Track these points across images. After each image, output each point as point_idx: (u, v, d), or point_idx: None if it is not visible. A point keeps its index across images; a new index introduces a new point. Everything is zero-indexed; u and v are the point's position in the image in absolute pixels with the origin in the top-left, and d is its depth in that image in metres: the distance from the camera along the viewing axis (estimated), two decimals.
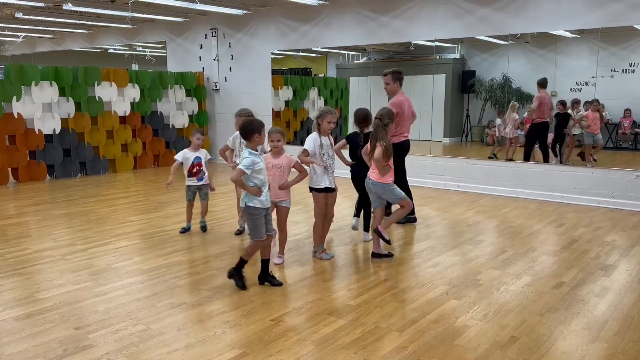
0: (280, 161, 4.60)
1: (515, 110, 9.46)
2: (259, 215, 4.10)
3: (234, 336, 3.39)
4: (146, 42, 13.39)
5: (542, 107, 8.66)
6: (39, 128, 9.27)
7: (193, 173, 5.73)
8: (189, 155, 5.72)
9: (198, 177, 5.76)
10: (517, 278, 4.52)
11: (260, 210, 4.10)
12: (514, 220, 6.64)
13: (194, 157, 5.72)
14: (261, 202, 4.09)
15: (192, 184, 5.77)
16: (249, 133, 4.09)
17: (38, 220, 6.58)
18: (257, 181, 4.07)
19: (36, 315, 3.69)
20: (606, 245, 5.56)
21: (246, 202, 4.09)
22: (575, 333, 3.47)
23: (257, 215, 4.10)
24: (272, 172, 4.57)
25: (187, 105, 11.81)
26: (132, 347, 3.22)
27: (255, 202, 4.07)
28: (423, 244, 5.57)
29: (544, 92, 8.69)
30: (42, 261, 4.92)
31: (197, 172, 5.74)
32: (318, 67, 12.42)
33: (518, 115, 9.48)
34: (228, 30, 11.55)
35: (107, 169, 10.41)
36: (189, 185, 5.79)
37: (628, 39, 8.51)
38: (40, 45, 16.10)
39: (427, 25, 8.86)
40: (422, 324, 3.58)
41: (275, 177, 4.60)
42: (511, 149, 9.20)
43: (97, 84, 10.04)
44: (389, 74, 6.22)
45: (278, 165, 4.60)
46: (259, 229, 4.13)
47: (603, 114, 8.48)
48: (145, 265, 4.83)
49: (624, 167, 7.65)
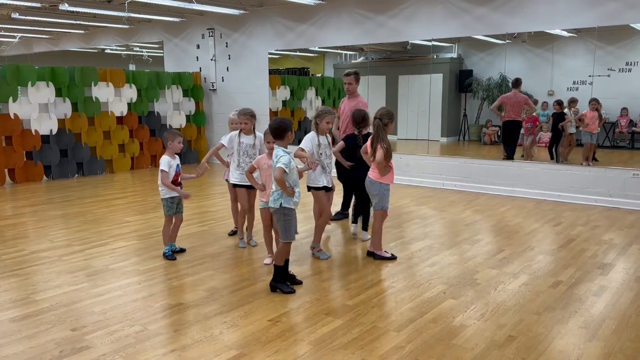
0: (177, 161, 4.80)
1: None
2: (292, 216, 4.07)
3: (231, 337, 3.38)
4: (143, 42, 13.37)
5: (507, 106, 8.91)
6: (36, 129, 9.25)
7: (177, 183, 5.01)
8: (172, 163, 4.95)
9: (181, 187, 5.07)
10: (514, 277, 4.52)
11: (294, 211, 4.08)
12: (512, 220, 6.64)
13: (176, 165, 4.99)
14: (295, 203, 4.08)
15: (176, 195, 4.99)
16: (282, 131, 4.07)
17: (35, 221, 6.57)
18: (291, 181, 4.05)
19: (32, 317, 3.68)
20: (603, 244, 5.57)
21: (281, 203, 4.03)
22: (573, 332, 3.47)
23: (291, 216, 4.06)
24: (268, 172, 4.58)
25: (185, 106, 11.80)
26: (128, 348, 3.21)
27: (290, 202, 4.04)
28: (420, 243, 5.57)
29: (513, 92, 8.87)
30: (38, 262, 4.91)
31: (180, 182, 5.06)
32: (315, 67, 12.41)
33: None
34: (225, 30, 11.54)
35: (104, 170, 10.38)
36: (172, 196, 4.97)
37: (625, 37, 8.52)
38: (36, 46, 16.06)
39: (424, 24, 8.86)
40: (420, 324, 3.58)
41: (270, 178, 4.59)
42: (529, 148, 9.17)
43: (94, 84, 10.02)
44: (352, 75, 6.32)
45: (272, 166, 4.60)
46: (292, 230, 4.09)
47: (601, 113, 8.49)
48: (142, 266, 4.81)
49: (621, 166, 7.66)
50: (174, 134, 4.99)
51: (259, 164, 4.69)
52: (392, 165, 4.86)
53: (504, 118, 9.02)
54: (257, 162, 4.72)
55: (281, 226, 4.10)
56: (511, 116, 8.93)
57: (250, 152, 5.20)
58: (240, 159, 5.23)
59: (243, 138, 5.24)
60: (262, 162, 4.66)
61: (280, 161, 3.96)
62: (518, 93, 8.89)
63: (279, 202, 4.04)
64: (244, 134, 5.25)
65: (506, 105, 8.95)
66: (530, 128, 9.08)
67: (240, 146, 5.23)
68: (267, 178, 4.62)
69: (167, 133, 5.01)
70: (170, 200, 4.99)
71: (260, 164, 4.67)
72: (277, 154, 4.04)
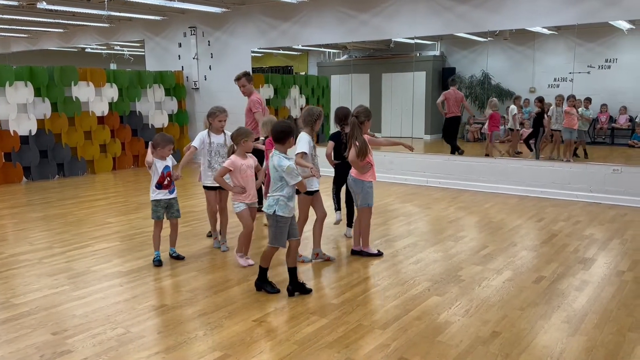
0: (248, 162, 4.58)
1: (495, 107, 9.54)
2: (286, 223, 3.97)
3: (215, 338, 3.35)
4: (124, 41, 13.21)
5: (449, 102, 9.36)
6: (14, 129, 9.08)
7: (164, 185, 4.76)
8: (158, 165, 4.72)
9: (170, 190, 4.80)
10: (498, 273, 4.55)
11: (287, 219, 3.97)
12: (495, 216, 6.69)
13: (163, 167, 4.74)
14: (290, 211, 3.97)
15: (163, 198, 4.76)
16: (286, 136, 3.93)
17: (14, 223, 6.45)
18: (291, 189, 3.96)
19: (12, 321, 3.60)
20: (585, 239, 5.64)
21: (275, 210, 3.91)
22: (556, 327, 3.50)
23: (285, 223, 3.96)
24: (246, 174, 4.51)
25: (167, 105, 11.68)
26: (111, 352, 3.17)
27: (285, 211, 3.93)
28: (405, 240, 5.58)
29: (452, 89, 9.37)
30: (18, 265, 4.82)
31: (168, 184, 4.78)
32: (299, 65, 12.38)
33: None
34: (207, 29, 11.45)
35: (86, 170, 10.24)
36: (157, 199, 4.75)
37: (604, 35, 8.64)
38: (14, 45, 15.77)
39: (406, 22, 8.89)
40: (405, 321, 3.58)
41: (249, 178, 4.56)
42: (490, 144, 9.28)
43: (74, 84, 9.88)
44: (243, 77, 6.65)
45: (250, 166, 4.57)
46: (283, 237, 3.99)
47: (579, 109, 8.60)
48: (125, 267, 4.75)
49: (601, 162, 7.77)
50: (165, 140, 4.70)
51: (234, 165, 4.47)
52: (372, 163, 4.84)
53: (448, 114, 9.44)
54: (231, 163, 4.47)
55: (272, 232, 3.99)
56: (453, 112, 9.39)
57: (222, 152, 5.02)
58: (212, 159, 5.04)
59: (214, 137, 5.04)
60: (239, 163, 4.49)
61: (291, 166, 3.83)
62: (457, 90, 9.40)
63: (273, 209, 3.92)
64: (213, 133, 5.05)
65: (448, 102, 9.40)
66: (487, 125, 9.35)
67: (212, 146, 5.03)
68: (247, 179, 4.53)
69: (159, 137, 4.73)
70: (155, 202, 4.75)
71: (237, 165, 4.47)
72: (280, 163, 3.85)
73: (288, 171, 3.84)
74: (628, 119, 9.25)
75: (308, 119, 4.68)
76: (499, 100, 9.65)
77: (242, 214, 4.58)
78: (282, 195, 3.91)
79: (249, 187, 4.56)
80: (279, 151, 3.93)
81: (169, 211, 4.82)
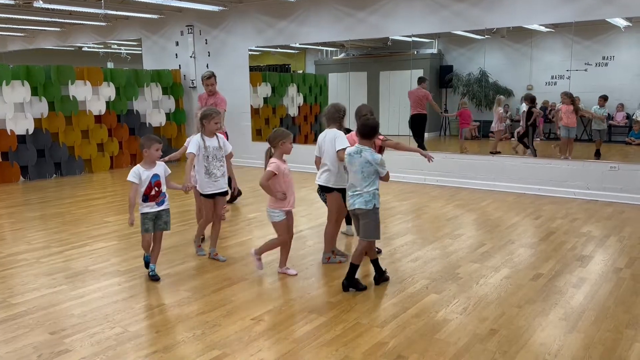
0: (287, 165, 4.35)
1: (501, 104, 9.65)
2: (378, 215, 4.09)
3: (213, 337, 3.35)
4: (121, 39, 13.18)
5: (410, 101, 9.62)
6: (11, 128, 9.06)
7: (151, 196, 4.21)
8: (143, 174, 4.18)
9: (158, 202, 4.26)
10: (495, 271, 4.55)
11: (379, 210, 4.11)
12: (493, 214, 6.70)
13: (151, 176, 4.19)
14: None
15: (150, 211, 4.25)
16: (375, 132, 4.08)
17: (12, 223, 6.44)
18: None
19: (9, 321, 3.60)
20: (582, 236, 5.65)
21: (375, 204, 4.03)
22: (553, 324, 3.51)
23: (378, 214, 4.09)
24: (288, 178, 4.29)
25: (164, 104, 11.66)
26: (109, 351, 3.16)
27: (379, 202, 4.10)
28: (403, 238, 5.58)
29: (416, 88, 9.57)
30: (16, 265, 4.81)
31: (156, 195, 4.23)
32: (296, 64, 12.36)
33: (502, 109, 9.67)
34: (204, 27, 11.43)
35: (83, 170, 10.22)
36: (145, 212, 4.25)
37: (601, 32, 8.64)
38: (11, 44, 15.73)
39: (404, 20, 8.88)
40: (403, 319, 3.59)
41: (291, 183, 4.32)
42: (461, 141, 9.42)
43: (71, 82, 9.85)
44: (212, 77, 7.21)
45: (290, 170, 4.36)
46: (379, 229, 4.11)
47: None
48: (123, 266, 4.75)
49: (598, 159, 7.77)
50: (151, 139, 4.23)
51: (279, 169, 4.17)
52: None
53: (414, 112, 9.63)
54: (277, 167, 4.17)
55: (372, 226, 4.04)
56: (417, 110, 9.60)
57: (219, 155, 4.75)
58: (210, 164, 4.71)
59: (208, 141, 4.72)
60: (283, 167, 4.21)
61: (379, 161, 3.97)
62: (420, 89, 9.56)
63: (372, 204, 4.01)
64: (207, 136, 4.73)
65: (410, 100, 9.63)
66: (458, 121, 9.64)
67: (207, 150, 4.69)
68: (288, 184, 4.28)
69: (144, 138, 4.25)
70: (143, 216, 4.25)
71: (281, 169, 4.19)
72: (374, 156, 3.97)
73: (382, 163, 4.00)
74: (625, 116, 9.26)
75: (336, 116, 4.70)
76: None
77: (281, 223, 4.31)
78: (376, 189, 4.05)
79: (289, 193, 4.29)
80: (366, 146, 4.02)
81: (156, 222, 4.31)
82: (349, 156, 4.08)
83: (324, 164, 4.69)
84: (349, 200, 4.15)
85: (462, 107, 9.98)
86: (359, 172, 4.01)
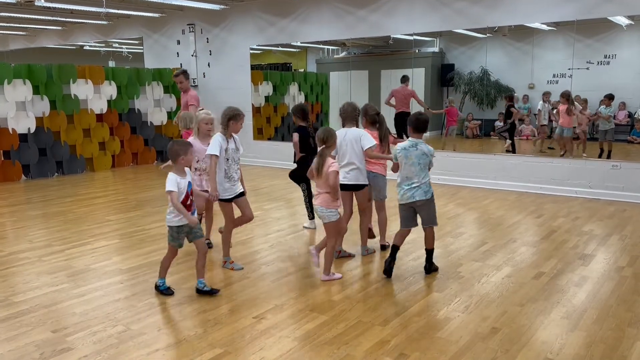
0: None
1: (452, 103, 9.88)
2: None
3: (215, 335, 3.35)
4: (122, 38, 13.18)
5: (397, 99, 9.68)
6: (13, 127, 9.07)
7: (187, 207, 3.84)
8: (180, 183, 3.82)
9: (191, 212, 3.91)
10: (497, 269, 4.55)
11: None
12: (494, 212, 6.70)
13: (187, 184, 3.86)
14: None
15: (186, 224, 3.87)
16: (427, 126, 4.26)
17: (13, 221, 6.44)
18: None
19: (12, 319, 3.60)
20: (584, 234, 5.64)
21: (432, 192, 4.27)
22: (555, 323, 3.51)
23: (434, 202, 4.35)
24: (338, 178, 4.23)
25: (166, 102, 11.66)
26: (111, 349, 3.17)
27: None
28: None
29: (401, 86, 9.64)
30: (17, 263, 4.82)
31: (190, 204, 3.91)
32: (298, 62, 12.35)
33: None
34: (206, 26, 11.42)
35: (85, 168, 10.23)
36: (181, 225, 3.87)
37: (603, 31, 8.62)
38: (13, 43, 15.74)
39: (405, 19, 8.88)
40: (405, 317, 3.59)
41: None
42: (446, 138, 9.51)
43: (73, 81, 9.86)
44: (181, 74, 7.47)
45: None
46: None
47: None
48: (125, 265, 4.75)
49: (600, 158, 7.76)
50: (185, 144, 3.91)
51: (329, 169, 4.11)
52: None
53: (397, 110, 9.68)
54: (337, 166, 4.16)
55: (432, 213, 4.32)
56: (401, 108, 9.62)
57: (236, 157, 4.47)
58: (230, 167, 4.41)
59: (228, 143, 4.40)
60: (337, 166, 4.19)
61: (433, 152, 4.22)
62: (406, 87, 9.60)
63: (430, 193, 4.26)
64: (227, 137, 4.41)
65: (396, 99, 9.66)
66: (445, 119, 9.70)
67: (228, 153, 4.37)
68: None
69: (177, 145, 3.86)
70: (177, 229, 3.89)
71: (337, 169, 4.16)
72: (429, 148, 4.22)
73: (434, 155, 4.25)
74: (627, 114, 9.24)
75: (353, 114, 4.79)
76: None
77: (337, 223, 4.25)
78: (429, 179, 4.27)
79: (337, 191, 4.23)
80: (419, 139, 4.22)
81: (191, 232, 3.93)
82: (404, 150, 4.21)
83: (350, 163, 4.58)
84: (405, 194, 4.23)
85: (449, 105, 10.05)
86: (415, 164, 4.18)
